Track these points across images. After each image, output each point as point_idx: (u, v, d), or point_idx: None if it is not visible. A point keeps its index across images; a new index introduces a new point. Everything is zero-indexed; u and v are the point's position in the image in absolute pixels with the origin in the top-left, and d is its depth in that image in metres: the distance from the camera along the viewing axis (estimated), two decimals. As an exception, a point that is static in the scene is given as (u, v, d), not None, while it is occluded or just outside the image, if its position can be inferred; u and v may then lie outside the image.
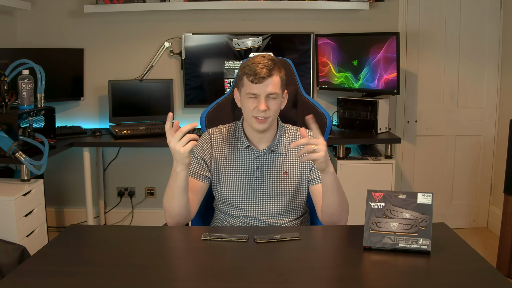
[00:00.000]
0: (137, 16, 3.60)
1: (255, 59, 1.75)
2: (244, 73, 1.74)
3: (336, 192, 1.66)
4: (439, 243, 1.46)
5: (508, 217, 2.90)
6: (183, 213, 1.70)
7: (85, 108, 3.71)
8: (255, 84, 1.71)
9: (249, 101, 1.74)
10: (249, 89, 1.72)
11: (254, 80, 1.70)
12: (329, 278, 1.31)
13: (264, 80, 1.70)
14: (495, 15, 3.57)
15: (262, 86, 1.71)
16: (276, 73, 1.73)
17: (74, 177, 3.73)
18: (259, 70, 1.70)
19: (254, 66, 1.71)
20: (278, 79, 1.74)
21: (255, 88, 1.71)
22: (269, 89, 1.71)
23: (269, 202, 1.81)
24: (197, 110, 3.55)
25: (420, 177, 3.79)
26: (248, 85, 1.73)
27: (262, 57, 1.76)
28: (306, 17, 3.62)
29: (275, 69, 1.73)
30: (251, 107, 1.74)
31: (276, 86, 1.73)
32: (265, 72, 1.70)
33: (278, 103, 1.76)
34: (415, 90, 3.68)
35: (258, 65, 1.71)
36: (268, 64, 1.72)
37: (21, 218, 2.56)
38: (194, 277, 1.32)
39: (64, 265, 1.35)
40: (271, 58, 1.76)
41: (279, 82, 1.74)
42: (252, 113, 1.74)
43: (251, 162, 1.82)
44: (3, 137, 2.58)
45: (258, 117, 1.73)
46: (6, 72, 2.69)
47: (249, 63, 1.74)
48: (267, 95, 1.72)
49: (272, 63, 1.73)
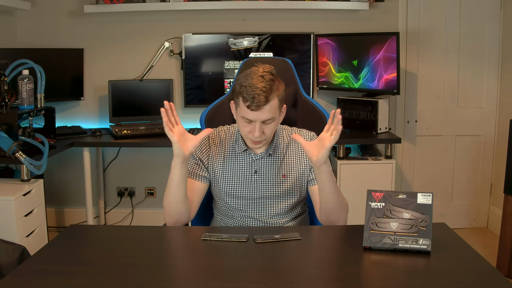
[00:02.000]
0: (137, 16, 3.60)
1: (253, 79, 1.65)
2: (240, 94, 1.66)
3: (333, 189, 1.66)
4: (439, 243, 1.46)
5: (508, 217, 2.90)
6: (181, 211, 1.69)
7: (85, 108, 3.71)
8: (251, 111, 1.64)
9: (244, 123, 1.70)
10: (244, 113, 1.66)
11: (250, 106, 1.63)
12: (329, 278, 1.31)
13: (260, 108, 1.63)
14: (495, 15, 3.57)
15: (258, 113, 1.64)
16: (273, 97, 1.65)
17: (74, 177, 3.73)
18: (257, 96, 1.62)
19: (251, 91, 1.62)
20: (276, 103, 1.67)
21: (251, 114, 1.65)
22: (265, 116, 1.66)
23: (268, 205, 1.81)
24: (197, 110, 3.55)
25: (420, 177, 3.79)
26: (243, 109, 1.66)
27: (260, 76, 1.65)
28: (306, 17, 3.62)
29: (273, 92, 1.65)
30: (246, 130, 1.70)
31: (273, 111, 1.66)
32: (262, 99, 1.62)
33: (274, 125, 1.72)
34: (415, 90, 3.68)
35: (256, 90, 1.62)
36: (266, 89, 1.63)
37: (21, 218, 2.56)
38: (194, 277, 1.32)
39: (64, 265, 1.35)
40: (270, 79, 1.66)
41: (276, 105, 1.67)
42: (247, 135, 1.72)
43: (249, 165, 1.82)
44: (3, 137, 2.58)
45: (253, 140, 1.72)
46: (6, 72, 2.69)
47: (247, 84, 1.65)
48: (263, 120, 1.67)
49: (270, 86, 1.64)
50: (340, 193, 1.70)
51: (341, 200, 1.71)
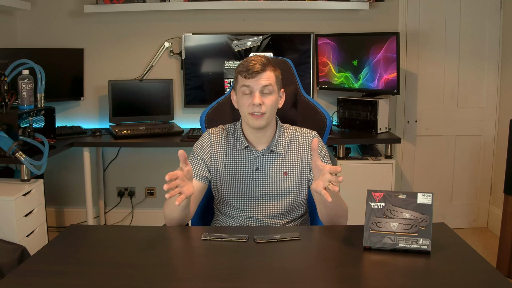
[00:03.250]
0: (137, 16, 3.60)
1: (249, 58, 1.79)
2: (238, 72, 1.78)
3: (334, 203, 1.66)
4: (439, 243, 1.46)
5: (508, 217, 2.90)
6: (183, 221, 1.73)
7: (85, 108, 3.71)
8: (248, 79, 1.74)
9: (243, 97, 1.76)
10: (243, 82, 1.75)
11: (247, 76, 1.74)
12: (329, 278, 1.31)
13: (257, 75, 1.73)
14: (495, 15, 3.57)
15: (256, 80, 1.73)
16: (269, 69, 1.76)
17: (74, 177, 3.73)
18: (252, 65, 1.73)
19: (247, 63, 1.75)
20: (272, 75, 1.77)
21: (249, 82, 1.74)
22: (262, 82, 1.73)
23: (269, 203, 1.81)
24: (197, 110, 3.55)
25: (420, 177, 3.79)
26: (241, 80, 1.76)
27: (256, 55, 1.80)
28: (306, 17, 3.62)
29: (268, 65, 1.76)
30: (246, 103, 1.75)
31: (270, 79, 1.75)
32: (258, 67, 1.73)
33: (274, 98, 1.77)
34: (415, 90, 3.68)
35: (252, 62, 1.75)
36: (261, 61, 1.75)
37: (21, 218, 2.56)
38: (194, 277, 1.32)
39: (64, 265, 1.35)
40: (265, 57, 1.79)
41: (273, 78, 1.77)
42: (248, 110, 1.75)
43: (251, 162, 1.82)
44: (3, 137, 2.58)
45: (254, 113, 1.74)
46: (6, 72, 2.69)
47: (243, 62, 1.78)
48: (262, 89, 1.73)
49: (266, 60, 1.77)
50: (342, 203, 1.73)
51: (342, 206, 1.73)
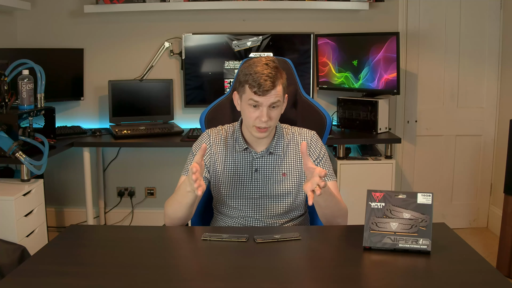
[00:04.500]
0: (137, 16, 3.60)
1: (257, 67, 1.69)
2: (246, 82, 1.69)
3: (329, 202, 1.67)
4: (439, 243, 1.46)
5: (508, 217, 2.90)
6: (185, 220, 1.74)
7: (85, 108, 3.71)
8: (258, 96, 1.68)
9: (249, 109, 1.72)
10: (251, 96, 1.69)
11: (257, 92, 1.67)
12: (329, 278, 1.31)
13: (268, 93, 1.67)
14: (495, 15, 3.57)
15: (265, 98, 1.68)
16: (279, 83, 1.70)
17: (74, 177, 3.73)
18: (263, 82, 1.66)
19: (257, 77, 1.66)
20: (281, 88, 1.71)
21: (258, 98, 1.69)
22: (272, 99, 1.69)
23: (269, 204, 1.81)
24: (197, 110, 3.55)
25: (420, 177, 3.79)
26: (250, 95, 1.69)
27: (264, 64, 1.70)
28: (306, 17, 3.62)
29: (278, 78, 1.70)
30: (253, 116, 1.71)
31: (279, 95, 1.70)
32: (269, 84, 1.66)
33: (280, 111, 1.75)
34: (415, 90, 3.68)
35: (262, 76, 1.66)
36: (271, 75, 1.67)
37: (21, 218, 2.56)
38: (194, 277, 1.32)
39: (64, 265, 1.35)
40: (274, 66, 1.71)
41: (281, 90, 1.72)
42: (253, 122, 1.72)
43: (250, 164, 1.82)
44: (3, 137, 2.58)
45: (260, 127, 1.72)
46: (6, 72, 2.69)
47: (252, 72, 1.68)
48: (270, 105, 1.70)
49: (275, 72, 1.69)
50: (338, 202, 1.71)
51: (339, 209, 1.72)
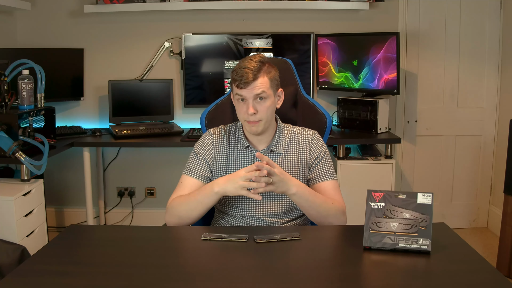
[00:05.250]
0: (137, 16, 3.60)
1: (242, 63, 1.75)
2: (232, 78, 1.76)
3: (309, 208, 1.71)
4: (439, 243, 1.46)
5: (508, 217, 2.90)
6: (195, 221, 1.75)
7: (85, 108, 3.71)
8: (241, 89, 1.72)
9: (238, 104, 1.76)
10: (236, 91, 1.74)
11: (239, 85, 1.72)
12: (329, 278, 1.31)
13: (249, 85, 1.71)
14: (495, 15, 3.57)
15: (248, 90, 1.71)
16: (263, 75, 1.73)
17: (74, 177, 3.73)
18: (245, 74, 1.70)
19: (240, 71, 1.72)
20: (266, 80, 1.73)
21: (241, 92, 1.73)
22: (255, 91, 1.71)
23: (270, 202, 1.81)
24: (197, 110, 3.56)
25: (420, 177, 3.79)
26: (235, 89, 1.75)
27: (250, 59, 1.75)
28: (306, 17, 3.62)
29: (261, 71, 1.72)
30: (241, 111, 1.76)
31: (263, 86, 1.72)
32: (250, 76, 1.70)
33: (269, 103, 1.76)
34: (415, 90, 3.68)
35: (244, 70, 1.71)
36: (253, 68, 1.71)
37: (21, 218, 2.56)
38: (194, 277, 1.32)
39: (64, 265, 1.35)
40: (259, 60, 1.74)
41: (267, 82, 1.74)
42: (243, 117, 1.76)
43: (251, 162, 1.82)
44: (3, 137, 2.58)
45: (249, 120, 1.75)
46: (6, 72, 2.69)
47: (236, 68, 1.74)
48: (255, 97, 1.72)
49: (258, 65, 1.72)
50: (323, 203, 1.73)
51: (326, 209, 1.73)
